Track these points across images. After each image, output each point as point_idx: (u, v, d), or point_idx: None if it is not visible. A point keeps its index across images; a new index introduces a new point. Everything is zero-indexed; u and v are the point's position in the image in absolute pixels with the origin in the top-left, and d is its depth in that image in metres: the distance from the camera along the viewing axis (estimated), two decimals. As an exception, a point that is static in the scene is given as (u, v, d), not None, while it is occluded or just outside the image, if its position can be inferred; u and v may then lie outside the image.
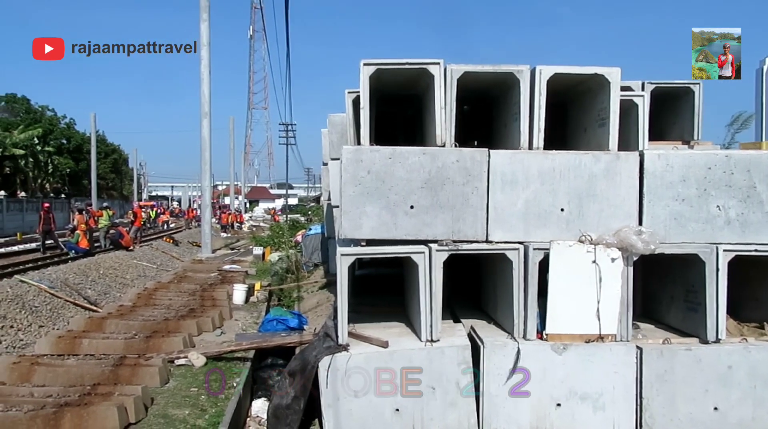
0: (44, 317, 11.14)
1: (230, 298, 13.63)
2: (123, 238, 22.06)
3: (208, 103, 23.79)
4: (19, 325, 10.24)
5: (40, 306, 11.53)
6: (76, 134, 59.69)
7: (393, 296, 8.45)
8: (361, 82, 6.81)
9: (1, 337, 9.50)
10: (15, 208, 37.85)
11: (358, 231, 6.44)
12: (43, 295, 12.10)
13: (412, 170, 6.41)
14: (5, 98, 55.91)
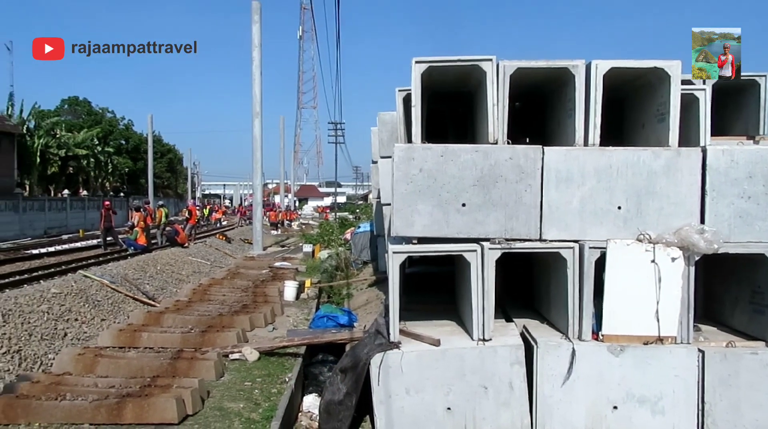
0: (106, 311, 11.54)
1: (281, 295, 13.83)
2: (179, 235, 22.64)
3: (259, 103, 24.20)
4: (83, 318, 10.65)
5: (102, 300, 11.96)
6: (134, 135, 61.84)
7: (443, 294, 8.40)
8: (413, 80, 6.79)
9: (67, 329, 9.90)
10: (78, 206, 39.38)
11: (409, 229, 6.43)
12: (104, 290, 12.55)
13: (464, 168, 6.37)
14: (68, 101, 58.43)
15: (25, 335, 8.95)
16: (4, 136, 34.96)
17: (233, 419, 6.45)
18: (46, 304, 10.43)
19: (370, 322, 9.30)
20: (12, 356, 8.23)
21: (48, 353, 8.77)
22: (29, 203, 33.38)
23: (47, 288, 11.52)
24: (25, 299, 10.27)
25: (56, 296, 11.01)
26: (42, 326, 9.51)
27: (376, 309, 11.16)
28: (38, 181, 43.27)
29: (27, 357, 8.41)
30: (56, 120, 48.57)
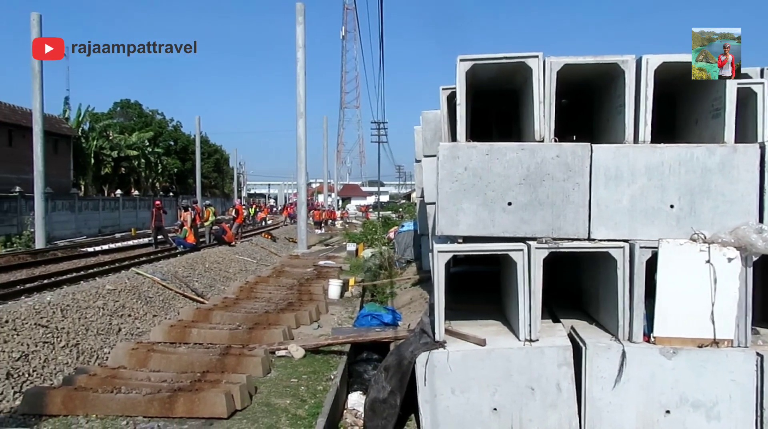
0: (157, 307, 11.88)
1: (326, 293, 13.96)
2: (226, 234, 23.08)
3: (303, 103, 24.47)
4: (136, 314, 10.99)
5: (154, 297, 12.31)
6: (182, 136, 63.39)
7: (488, 294, 8.32)
8: (457, 78, 6.74)
9: (121, 324, 10.23)
10: (129, 206, 40.60)
11: (454, 228, 6.39)
12: (156, 287, 12.92)
13: (509, 166, 6.29)
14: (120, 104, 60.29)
15: (83, 330, 9.29)
16: (61, 139, 36.32)
17: (280, 415, 6.54)
18: (101, 300, 10.80)
19: (413, 321, 9.30)
20: (71, 350, 8.56)
21: (104, 347, 9.09)
22: (84, 203, 34.56)
23: (102, 285, 11.92)
24: (82, 295, 10.65)
25: (111, 292, 11.39)
26: (98, 321, 9.86)
27: (419, 308, 11.15)
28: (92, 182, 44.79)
29: (84, 351, 8.74)
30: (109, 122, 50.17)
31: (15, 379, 7.28)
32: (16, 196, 27.30)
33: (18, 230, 26.15)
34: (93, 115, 46.71)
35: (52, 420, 6.25)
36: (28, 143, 24.73)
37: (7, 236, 25.01)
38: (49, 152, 27.93)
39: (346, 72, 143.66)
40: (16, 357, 7.69)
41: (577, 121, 8.24)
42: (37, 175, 22.68)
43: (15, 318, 8.66)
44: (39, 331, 8.59)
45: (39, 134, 22.82)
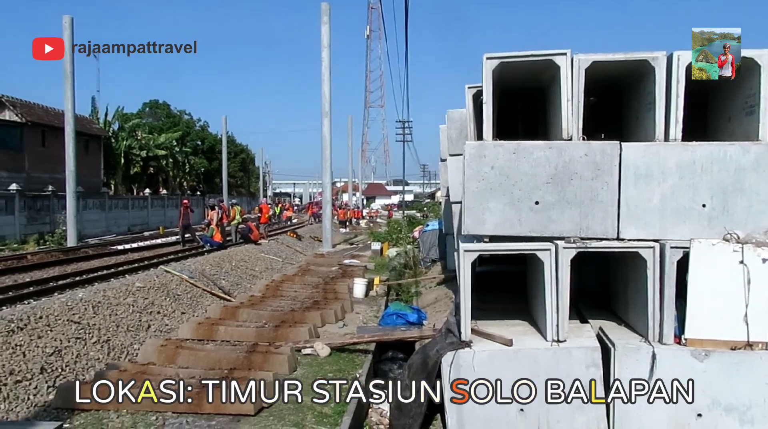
0: (185, 304, 12.04)
1: (351, 292, 14.00)
2: (252, 232, 23.30)
3: (328, 102, 24.54)
4: (165, 311, 11.15)
5: (182, 294, 12.49)
6: (209, 136, 64.14)
7: (515, 294, 8.26)
8: (484, 77, 6.70)
9: (150, 321, 10.40)
10: (158, 205, 41.15)
11: (480, 227, 6.36)
12: (184, 285, 13.09)
13: (537, 165, 6.24)
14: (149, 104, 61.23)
15: (113, 326, 9.46)
16: (91, 139, 36.98)
17: (306, 413, 6.58)
18: (131, 297, 10.99)
19: (439, 320, 9.28)
20: (102, 346, 8.73)
21: (133, 343, 9.25)
22: (114, 202, 35.15)
23: (132, 282, 12.13)
24: (112, 292, 10.85)
25: (140, 290, 11.58)
26: (128, 318, 10.03)
27: (444, 307, 11.12)
28: (122, 181, 45.53)
29: (115, 347, 8.90)
30: (138, 122, 50.99)
31: (48, 374, 7.45)
32: (48, 195, 27.90)
33: (50, 228, 26.73)
34: (122, 116, 47.51)
35: (84, 414, 6.37)
36: (60, 143, 25.24)
37: (40, 234, 25.61)
38: (81, 152, 28.48)
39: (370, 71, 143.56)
40: (49, 352, 7.86)
41: (605, 119, 8.11)
42: (69, 174, 23.20)
43: (48, 314, 8.86)
44: (71, 327, 8.77)
45: (71, 135, 23.33)
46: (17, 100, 31.62)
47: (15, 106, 30.88)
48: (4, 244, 23.44)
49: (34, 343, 7.90)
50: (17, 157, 30.56)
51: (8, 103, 30.79)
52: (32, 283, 13.10)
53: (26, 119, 30.60)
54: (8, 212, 25.21)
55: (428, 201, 74.16)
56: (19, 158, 30.62)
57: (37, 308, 9.05)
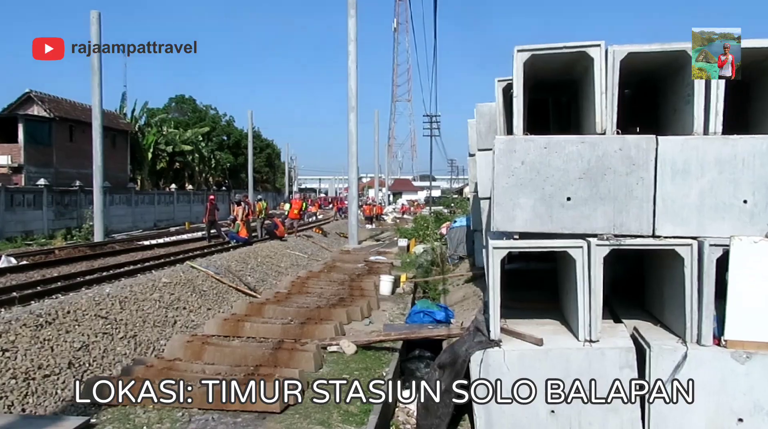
0: (211, 300, 12.19)
1: (377, 289, 14.02)
2: (278, 228, 23.47)
3: (354, 97, 24.56)
4: (191, 307, 11.31)
5: (208, 290, 12.65)
6: (235, 131, 64.86)
7: (545, 292, 8.19)
8: (515, 70, 6.65)
9: (176, 317, 10.56)
10: (184, 200, 41.72)
11: (510, 223, 6.33)
12: (210, 281, 13.26)
13: (569, 160, 6.18)
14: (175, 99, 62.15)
15: (140, 322, 9.63)
16: (118, 134, 37.63)
17: (332, 411, 6.61)
18: (157, 292, 11.17)
19: (467, 318, 9.24)
20: (128, 341, 8.89)
21: (160, 339, 9.40)
22: (140, 197, 35.75)
23: (158, 277, 12.32)
24: (139, 288, 11.04)
25: (166, 285, 11.76)
26: (154, 313, 10.20)
27: (473, 306, 11.06)
28: (148, 176, 46.28)
29: (141, 342, 9.06)
30: (164, 117, 51.77)
31: (76, 368, 7.61)
32: (76, 190, 28.51)
33: (78, 223, 27.31)
34: (149, 111, 48.29)
35: (111, 409, 6.50)
36: (87, 138, 25.69)
37: (67, 229, 26.19)
38: (107, 147, 28.94)
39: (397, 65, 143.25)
40: (77, 347, 8.04)
41: (640, 113, 7.98)
42: (96, 169, 23.61)
43: (76, 309, 9.05)
44: (99, 322, 8.95)
45: (98, 130, 23.73)
46: (45, 95, 32.35)
47: (43, 101, 31.61)
48: (33, 238, 24.05)
49: (62, 338, 8.08)
50: (45, 152, 31.30)
51: (36, 98, 31.53)
52: (60, 278, 13.41)
53: (54, 114, 31.29)
54: (36, 207, 25.86)
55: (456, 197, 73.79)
56: (47, 153, 31.37)
57: (65, 303, 9.26)
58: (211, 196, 23.77)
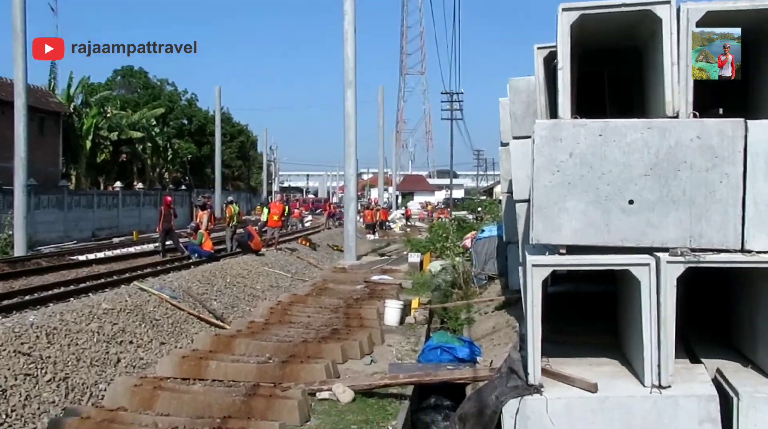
0: (166, 332, 12.22)
1: (381, 318, 14.01)
2: (253, 239, 23.42)
3: (352, 69, 24.59)
4: (139, 341, 11.33)
5: (161, 319, 12.68)
6: (198, 113, 64.93)
7: (599, 322, 8.19)
8: (559, 35, 6.68)
9: (121, 353, 10.58)
10: (131, 202, 41.69)
11: (555, 234, 6.33)
12: (164, 307, 13.29)
13: (631, 151, 6.19)
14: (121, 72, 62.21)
15: (73, 360, 9.64)
16: (48, 117, 37.61)
17: (323, 477, 6.61)
18: (96, 322, 11.19)
19: (498, 356, 9.22)
20: (58, 385, 8.90)
21: (99, 382, 9.41)
22: (75, 198, 35.67)
23: (97, 302, 12.34)
24: (72, 316, 11.06)
25: (108, 313, 11.78)
26: (92, 349, 10.22)
27: (506, 339, 11.04)
28: (86, 171, 46.33)
29: (75, 386, 9.06)
30: (107, 95, 51.74)
31: (-10, 421, 7.62)
32: (-10, 190, 28.33)
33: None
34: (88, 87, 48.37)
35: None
36: (8, 122, 25.12)
37: (-23, 241, 26.03)
38: (34, 133, 28.82)
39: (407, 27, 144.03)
40: (-8, 392, 8.05)
41: (723, 90, 7.97)
42: (19, 162, 23.23)
43: (-9, 343, 9.07)
44: (19, 361, 8.96)
45: (22, 110, 23.27)
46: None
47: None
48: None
49: (-26, 381, 8.09)
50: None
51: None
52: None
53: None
54: (-69, 212, 25.60)
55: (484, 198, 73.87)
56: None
57: (-22, 335, 9.27)
58: (167, 198, 23.77)
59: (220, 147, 53.66)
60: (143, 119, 51.68)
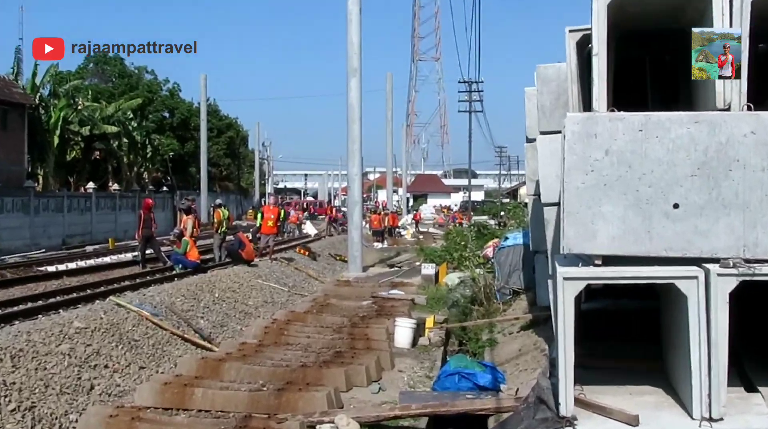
0: (145, 355, 12.23)
1: (391, 339, 14.00)
2: (244, 248, 23.40)
3: (357, 55, 24.61)
4: (116, 365, 11.35)
5: (141, 339, 12.69)
6: (181, 104, 65.07)
7: (641, 344, 8.18)
8: (594, 15, 6.70)
9: (94, 379, 10.59)
10: (106, 206, 41.68)
11: (589, 243, 6.34)
12: (144, 325, 13.30)
13: (676, 149, 6.20)
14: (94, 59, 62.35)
15: (40, 386, 9.67)
16: (11, 109, 37.67)
17: None
18: (66, 342, 11.21)
19: (524, 384, 9.21)
20: (23, 415, 8.92)
21: (69, 412, 9.42)
22: (43, 201, 35.66)
23: (68, 320, 12.36)
24: (39, 335, 11.09)
25: (80, 332, 11.81)
26: (62, 374, 10.24)
27: (533, 364, 11.02)
28: (54, 171, 46.44)
29: (42, 417, 9.08)
30: (78, 85, 51.86)
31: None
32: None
33: (-50, 240, 27.32)
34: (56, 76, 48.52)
35: None
36: (-34, 117, 25.60)
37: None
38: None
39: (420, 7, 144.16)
40: (-53, 424, 8.08)
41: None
42: (-21, 161, 23.57)
43: (-52, 367, 9.11)
44: (-20, 387, 8.99)
45: (-19, 103, 23.73)
46: None
47: None
48: None
49: (-72, 410, 8.12)
50: None
51: None
52: None
53: None
54: None
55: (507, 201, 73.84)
56: None
57: (-67, 358, 9.31)
58: (147, 201, 23.83)
59: (205, 143, 53.76)
60: (119, 112, 51.67)
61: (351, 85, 24.74)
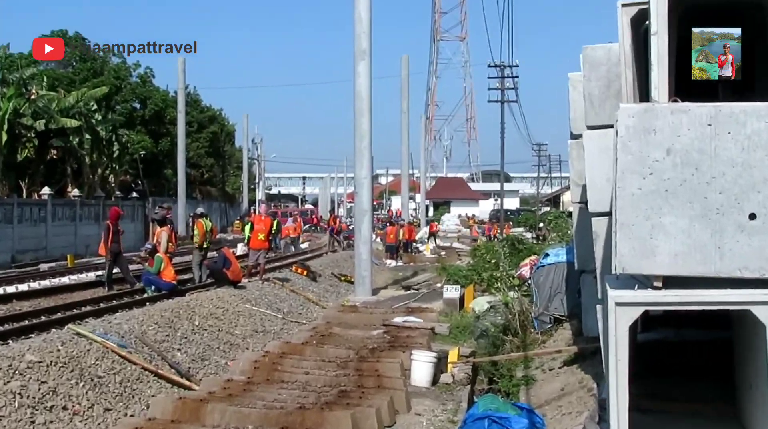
0: (112, 394, 12.24)
1: (407, 376, 13.99)
2: (229, 266, 23.39)
3: (366, 34, 24.58)
4: (76, 406, 11.34)
5: (106, 376, 12.70)
6: (155, 93, 65.22)
7: (709, 382, 8.17)
8: (653, -15, 6.68)
9: (51, 423, 10.61)
10: (65, 215, 41.79)
11: (647, 261, 6.33)
12: (109, 359, 13.32)
13: (753, 147, 6.19)
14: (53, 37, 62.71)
15: (-14, 432, 9.71)
16: (-48, 100, 38.03)
17: None
18: (17, 379, 11.24)
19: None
20: (-34, 467, 8.96)
21: (21, 464, 9.46)
22: (-11, 210, 35.99)
23: (19, 352, 12.39)
24: (-15, 371, 11.12)
25: (33, 367, 11.83)
26: (11, 417, 10.26)
27: (578, 406, 11.01)
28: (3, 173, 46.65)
29: (-12, 470, 9.12)
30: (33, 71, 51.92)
31: None
32: None
33: None
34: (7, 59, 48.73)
35: None
36: None
37: None
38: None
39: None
40: None
41: None
42: None
43: None
44: None
45: None
46: None
47: None
48: None
49: None
50: None
51: None
52: None
53: None
54: None
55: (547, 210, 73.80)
56: None
57: None
58: (115, 209, 23.86)
59: (183, 140, 53.93)
60: (80, 102, 51.78)
61: (359, 70, 24.72)
